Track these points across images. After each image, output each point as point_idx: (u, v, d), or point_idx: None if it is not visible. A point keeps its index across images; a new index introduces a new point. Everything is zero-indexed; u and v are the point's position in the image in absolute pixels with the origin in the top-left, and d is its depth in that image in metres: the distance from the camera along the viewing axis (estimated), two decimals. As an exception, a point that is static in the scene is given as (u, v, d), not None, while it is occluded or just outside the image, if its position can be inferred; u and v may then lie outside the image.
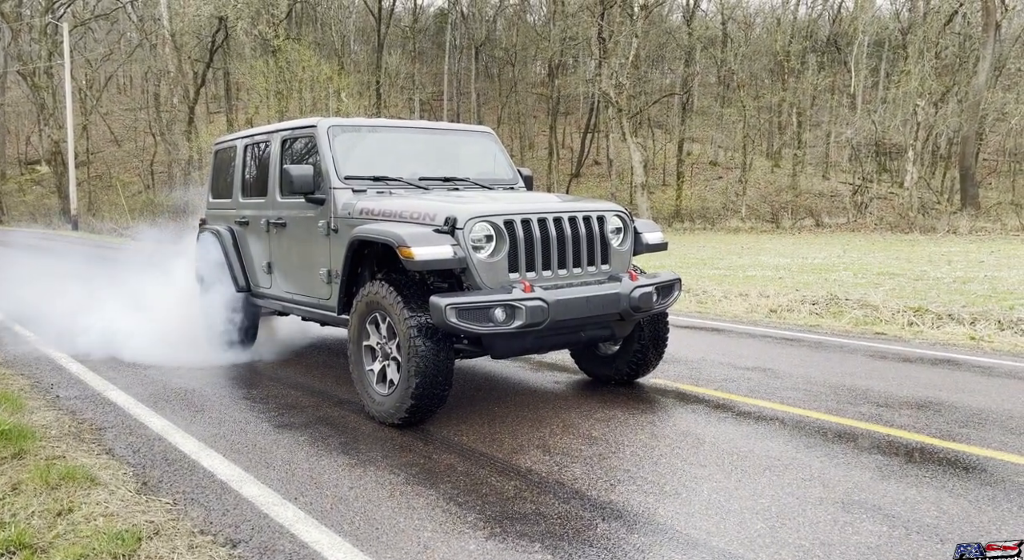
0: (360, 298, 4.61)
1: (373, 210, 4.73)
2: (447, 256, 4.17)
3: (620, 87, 27.63)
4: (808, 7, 38.81)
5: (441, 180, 5.40)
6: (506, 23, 44.74)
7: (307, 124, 5.38)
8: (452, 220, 4.25)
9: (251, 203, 6.13)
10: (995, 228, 23.46)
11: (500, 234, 4.35)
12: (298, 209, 5.40)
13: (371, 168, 5.24)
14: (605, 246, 4.74)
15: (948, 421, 4.55)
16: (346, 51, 42.00)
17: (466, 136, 6.00)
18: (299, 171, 4.94)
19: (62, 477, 3.66)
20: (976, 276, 11.47)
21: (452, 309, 4.01)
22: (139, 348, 6.54)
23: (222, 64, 38.38)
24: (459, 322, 4.02)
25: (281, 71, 28.81)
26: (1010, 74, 32.07)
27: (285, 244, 5.66)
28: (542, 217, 4.49)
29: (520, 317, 4.10)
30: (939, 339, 7.39)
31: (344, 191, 5.02)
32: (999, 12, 26.74)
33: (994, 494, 3.42)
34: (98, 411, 5.00)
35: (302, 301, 5.59)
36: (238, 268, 6.27)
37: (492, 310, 4.07)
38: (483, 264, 4.29)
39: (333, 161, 5.10)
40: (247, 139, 6.29)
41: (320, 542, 3.07)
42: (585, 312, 4.38)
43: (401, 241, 4.19)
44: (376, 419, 4.59)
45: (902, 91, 28.42)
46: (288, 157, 5.62)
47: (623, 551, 2.94)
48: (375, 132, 5.51)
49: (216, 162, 6.88)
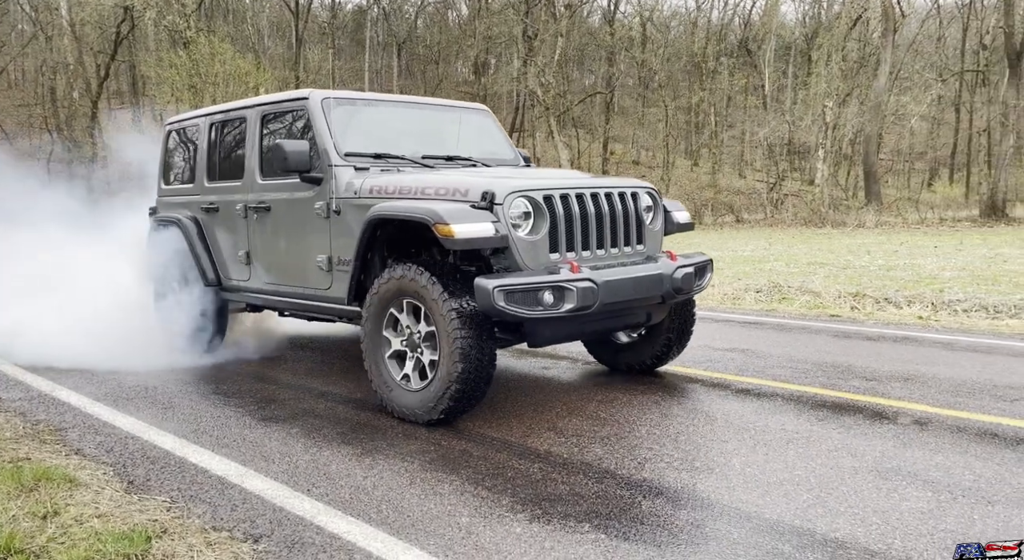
0: (381, 284, 4.13)
1: (386, 188, 4.29)
2: (489, 234, 3.78)
3: (547, 86, 27.75)
4: (720, 12, 40.05)
5: (444, 159, 5.00)
6: (427, 21, 44.35)
7: (295, 97, 4.92)
8: (490, 195, 3.86)
9: (222, 187, 5.54)
10: (897, 222, 24.91)
11: (539, 211, 3.98)
12: (287, 191, 4.90)
13: (369, 145, 4.79)
14: (640, 224, 4.45)
15: (940, 391, 4.65)
16: (261, 46, 40.67)
17: (463, 113, 5.60)
18: (295, 147, 4.44)
19: (37, 479, 3.29)
20: (897, 264, 12.01)
21: (500, 291, 3.63)
22: (83, 354, 5.72)
23: (127, 57, 36.47)
24: (507, 306, 3.64)
25: (196, 65, 27.55)
26: (903, 78, 33.99)
27: (269, 231, 5.12)
28: (579, 192, 4.15)
29: (570, 300, 3.74)
30: (890, 319, 7.64)
31: (346, 169, 4.55)
32: (897, 19, 28.30)
33: (1018, 457, 3.48)
34: (51, 412, 4.54)
35: (291, 292, 5.07)
36: (206, 260, 5.65)
37: (541, 292, 3.71)
38: (523, 243, 3.92)
39: (331, 136, 4.63)
40: (213, 117, 5.70)
41: (351, 532, 2.83)
42: (631, 295, 4.08)
43: (439, 218, 3.75)
44: (401, 417, 4.16)
45: (812, 92, 29.68)
46: (270, 135, 5.12)
47: (676, 527, 2.82)
48: (371, 106, 5.11)
49: (168, 144, 6.24)
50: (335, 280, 4.64)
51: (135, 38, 35.07)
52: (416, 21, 44.88)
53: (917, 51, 36.42)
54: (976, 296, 8.28)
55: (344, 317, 4.86)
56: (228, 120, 5.55)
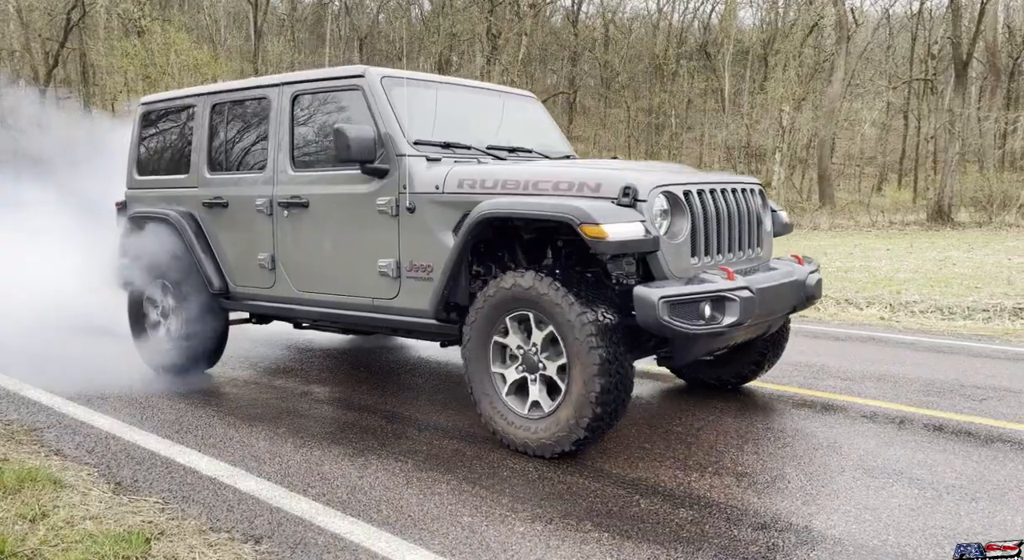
0: (490, 295, 3.56)
1: (482, 182, 3.70)
2: (639, 235, 3.26)
3: (510, 84, 27.79)
4: (680, 15, 40.61)
5: (507, 150, 4.43)
6: (390, 16, 44.00)
7: (345, 74, 4.24)
8: (632, 190, 3.32)
9: (232, 179, 4.80)
10: (850, 224, 25.56)
11: (678, 208, 3.48)
12: (332, 184, 4.24)
13: (433, 132, 4.17)
14: (759, 225, 4.04)
15: (912, 391, 4.79)
16: (219, 37, 39.87)
17: (515, 101, 5.03)
18: (359, 133, 3.82)
19: (20, 480, 3.20)
20: (853, 266, 12.32)
21: (666, 303, 3.15)
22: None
23: (78, 44, 35.40)
24: (671, 320, 3.16)
25: (151, 54, 26.88)
26: (855, 85, 34.90)
27: (306, 230, 4.40)
28: (712, 188, 3.68)
29: (731, 312, 3.26)
30: (854, 320, 7.86)
31: (418, 159, 3.93)
32: (850, 27, 29.04)
33: (994, 454, 3.62)
34: (23, 411, 4.41)
35: (336, 303, 4.35)
36: (210, 265, 4.91)
37: (702, 304, 3.24)
38: (667, 245, 3.40)
39: (397, 121, 4.01)
40: (217, 96, 4.93)
41: (354, 532, 2.82)
42: (779, 304, 3.67)
43: (587, 217, 3.20)
44: (522, 449, 3.57)
45: (769, 97, 30.27)
46: (307, 119, 4.44)
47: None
48: (429, 88, 4.45)
49: (145, 128, 5.44)
50: (404, 289, 4.01)
51: (86, 25, 34.04)
52: (378, 16, 44.49)
53: (868, 59, 37.43)
54: (931, 298, 8.59)
55: (414, 331, 4.23)
56: (241, 100, 4.82)
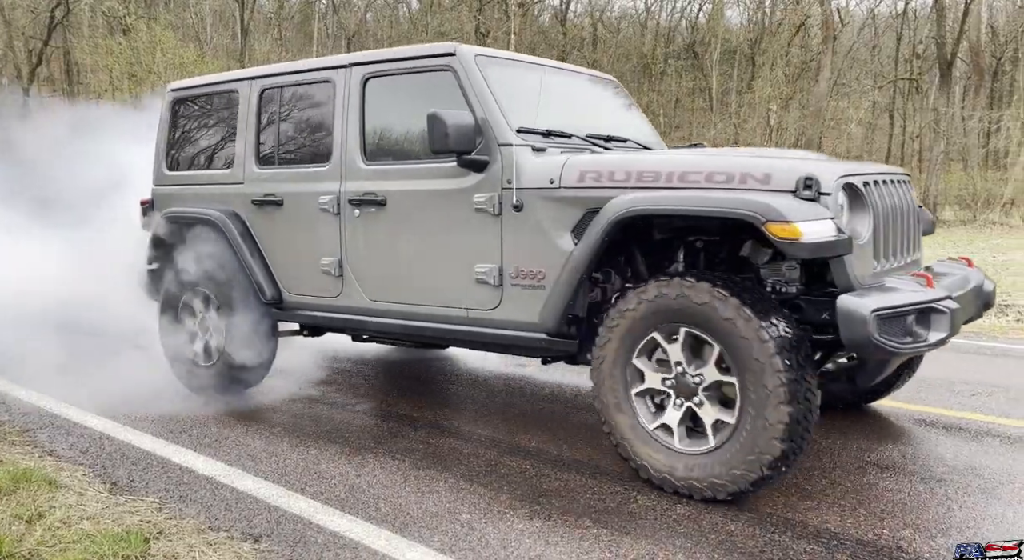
0: (629, 309, 3.09)
1: (611, 174, 3.21)
2: (832, 236, 2.79)
3: (498, 83, 27.77)
4: (668, 15, 40.74)
5: (604, 139, 3.93)
6: (377, 14, 43.91)
7: (432, 53, 3.73)
8: (815, 182, 2.84)
9: (287, 174, 4.30)
10: (837, 224, 25.77)
11: (859, 203, 3.01)
12: (416, 178, 3.75)
13: (531, 119, 3.67)
14: (919, 222, 3.64)
15: (903, 388, 4.81)
16: (205, 36, 39.64)
17: (601, 85, 4.61)
18: (459, 119, 3.34)
19: (15, 481, 3.19)
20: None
21: (878, 318, 2.70)
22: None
23: (62, 42, 35.11)
24: (883, 338, 2.71)
25: (136, 53, 26.71)
26: (841, 85, 35.16)
27: (383, 231, 3.91)
28: (884, 179, 3.24)
29: (940, 327, 2.87)
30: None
31: (523, 150, 3.44)
32: (836, 26, 29.26)
33: (984, 449, 3.67)
34: (14, 412, 4.38)
35: (419, 314, 3.85)
36: (261, 270, 4.41)
37: (908, 318, 2.81)
38: (855, 247, 2.92)
39: (498, 105, 3.53)
40: (266, 80, 4.42)
41: (353, 531, 2.83)
42: (967, 314, 3.26)
43: (776, 214, 2.74)
44: (678, 490, 3.06)
45: (756, 96, 30.44)
46: (380, 104, 3.97)
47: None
48: (520, 68, 4.01)
49: (176, 117, 4.95)
50: (508, 298, 3.51)
51: (70, 23, 33.76)
52: (366, 15, 44.38)
53: (854, 58, 37.69)
54: (921, 296, 8.68)
55: (515, 346, 3.66)
56: (297, 84, 4.33)
